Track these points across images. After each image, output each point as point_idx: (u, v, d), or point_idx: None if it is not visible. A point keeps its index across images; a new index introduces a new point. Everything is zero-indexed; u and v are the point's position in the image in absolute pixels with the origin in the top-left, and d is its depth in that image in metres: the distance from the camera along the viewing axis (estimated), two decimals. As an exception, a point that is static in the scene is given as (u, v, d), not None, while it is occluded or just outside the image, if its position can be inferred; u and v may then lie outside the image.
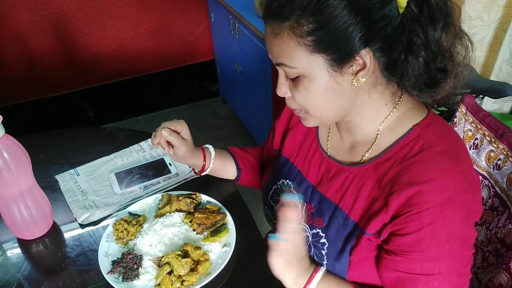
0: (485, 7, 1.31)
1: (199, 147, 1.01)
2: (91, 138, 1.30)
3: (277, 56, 0.71)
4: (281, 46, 0.69)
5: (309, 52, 0.67)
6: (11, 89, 2.47)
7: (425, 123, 0.75)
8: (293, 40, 0.67)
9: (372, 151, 0.78)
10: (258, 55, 1.97)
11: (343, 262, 0.77)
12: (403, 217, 0.69)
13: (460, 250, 0.69)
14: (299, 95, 0.73)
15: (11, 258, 0.93)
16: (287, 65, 0.70)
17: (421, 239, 0.68)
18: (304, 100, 0.73)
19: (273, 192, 0.95)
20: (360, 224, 0.75)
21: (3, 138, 0.85)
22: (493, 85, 1.09)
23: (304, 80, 0.71)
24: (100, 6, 2.42)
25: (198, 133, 2.65)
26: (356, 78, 0.70)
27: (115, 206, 1.02)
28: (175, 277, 0.81)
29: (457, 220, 0.68)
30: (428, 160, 0.70)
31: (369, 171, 0.77)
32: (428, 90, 0.72)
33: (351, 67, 0.69)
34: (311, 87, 0.71)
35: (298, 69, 0.70)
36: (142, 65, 2.70)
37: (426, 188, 0.67)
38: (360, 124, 0.79)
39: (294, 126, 0.96)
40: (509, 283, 0.83)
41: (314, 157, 0.88)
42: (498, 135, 0.91)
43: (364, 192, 0.76)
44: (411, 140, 0.74)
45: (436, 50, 0.69)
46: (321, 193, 0.84)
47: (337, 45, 0.66)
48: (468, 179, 0.70)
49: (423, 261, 0.69)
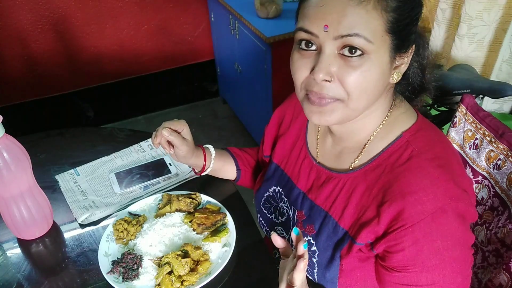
0: (485, 7, 1.31)
1: (200, 147, 1.00)
2: (91, 138, 1.30)
3: (351, 26, 0.62)
4: (362, 15, 0.62)
5: (385, 30, 0.64)
6: (11, 89, 2.47)
7: (413, 129, 0.74)
8: (378, 12, 0.63)
9: (361, 157, 0.77)
10: (258, 55, 1.97)
11: (333, 270, 0.76)
12: (396, 232, 0.68)
13: (460, 254, 0.69)
14: (356, 76, 0.64)
15: (11, 258, 0.93)
16: (364, 36, 0.62)
17: (420, 251, 0.67)
18: (359, 82, 0.65)
19: (265, 199, 0.95)
20: (351, 233, 0.75)
21: (3, 138, 0.85)
22: (493, 85, 1.09)
23: (368, 61, 0.64)
24: (100, 6, 2.42)
25: (198, 133, 2.65)
26: (396, 72, 0.70)
27: (115, 206, 1.02)
28: (175, 277, 0.81)
29: (452, 227, 0.67)
30: (417, 168, 0.69)
31: (358, 178, 0.76)
32: (414, 96, 0.77)
33: (397, 60, 0.68)
34: (372, 70, 0.65)
35: (373, 45, 0.63)
36: (142, 65, 2.70)
37: (417, 199, 0.67)
38: (357, 130, 0.77)
39: (284, 132, 0.95)
40: (509, 283, 0.83)
41: (304, 164, 0.87)
42: (498, 135, 0.91)
43: (354, 199, 0.75)
44: (400, 147, 0.73)
45: (427, 60, 0.75)
46: (311, 200, 0.83)
47: (406, 31, 0.66)
48: (460, 185, 0.69)
49: (426, 271, 0.68)
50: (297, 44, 0.69)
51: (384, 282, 0.73)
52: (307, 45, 0.67)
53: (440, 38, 1.52)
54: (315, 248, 0.79)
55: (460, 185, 0.69)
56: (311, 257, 0.80)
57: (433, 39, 1.54)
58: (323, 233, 0.79)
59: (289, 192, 0.89)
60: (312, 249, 0.80)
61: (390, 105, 0.76)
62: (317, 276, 0.80)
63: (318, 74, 0.65)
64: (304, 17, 0.67)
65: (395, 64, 0.69)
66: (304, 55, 0.68)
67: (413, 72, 0.74)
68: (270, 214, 0.94)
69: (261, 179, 0.99)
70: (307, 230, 0.82)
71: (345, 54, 0.64)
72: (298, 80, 0.70)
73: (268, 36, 1.79)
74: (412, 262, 0.68)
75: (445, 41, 1.52)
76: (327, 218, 0.79)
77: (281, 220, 0.91)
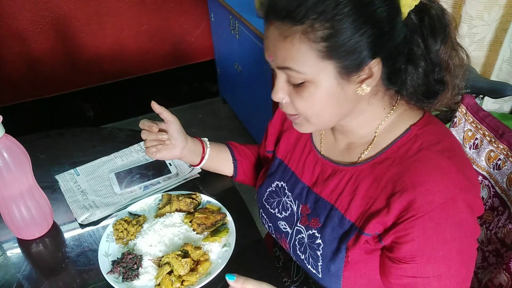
0: (485, 7, 1.31)
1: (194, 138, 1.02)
2: (91, 138, 1.30)
3: (283, 59, 0.68)
4: (289, 49, 0.66)
5: (320, 58, 0.65)
6: (11, 89, 2.47)
7: (422, 123, 0.75)
8: (305, 44, 0.65)
9: (369, 151, 0.78)
10: (258, 55, 1.97)
11: (338, 262, 0.77)
12: (406, 222, 0.68)
13: (467, 245, 0.70)
14: (302, 101, 0.70)
15: (11, 258, 0.93)
16: (294, 69, 0.67)
17: (428, 241, 0.68)
18: (307, 106, 0.71)
19: (267, 194, 0.95)
20: (358, 224, 0.75)
21: (3, 138, 0.85)
22: (493, 85, 1.09)
23: (310, 86, 0.68)
24: (100, 6, 2.42)
25: (198, 133, 2.64)
26: (361, 87, 0.69)
27: (115, 206, 1.02)
28: (175, 277, 0.81)
29: (461, 217, 0.68)
30: (427, 159, 0.70)
31: (365, 170, 0.76)
32: (427, 100, 0.74)
33: (358, 76, 0.68)
34: (316, 93, 0.68)
35: (306, 75, 0.67)
36: (142, 65, 2.70)
37: (428, 189, 0.67)
38: (356, 128, 0.79)
39: (288, 128, 0.96)
40: (509, 283, 0.83)
41: (309, 158, 0.88)
42: (498, 135, 0.91)
43: (360, 191, 0.76)
44: (409, 140, 0.74)
45: (436, 61, 0.70)
46: (316, 193, 0.84)
47: (350, 53, 0.65)
48: (469, 177, 0.70)
49: (433, 262, 0.69)
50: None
51: (390, 275, 0.73)
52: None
53: (440, 38, 1.52)
54: (319, 241, 0.80)
55: (468, 178, 0.70)
56: (315, 250, 0.80)
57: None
58: (328, 225, 0.79)
59: (293, 187, 0.89)
60: (316, 242, 0.80)
61: (389, 104, 0.76)
62: (321, 269, 0.80)
63: (272, 96, 0.73)
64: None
65: (357, 79, 0.68)
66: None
67: (411, 78, 0.71)
68: (273, 209, 0.94)
69: (264, 175, 0.99)
70: (312, 223, 0.82)
71: (290, 81, 0.70)
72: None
73: (268, 36, 1.79)
74: (420, 253, 0.69)
75: (445, 41, 1.52)
76: (332, 211, 0.79)
77: (284, 215, 0.91)
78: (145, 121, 0.94)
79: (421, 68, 0.70)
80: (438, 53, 0.70)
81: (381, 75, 0.70)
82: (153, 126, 0.92)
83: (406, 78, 0.71)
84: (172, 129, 0.94)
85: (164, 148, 0.94)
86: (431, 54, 0.70)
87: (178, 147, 0.96)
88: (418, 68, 0.70)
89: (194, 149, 1.00)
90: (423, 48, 0.69)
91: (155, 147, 0.94)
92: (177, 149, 0.96)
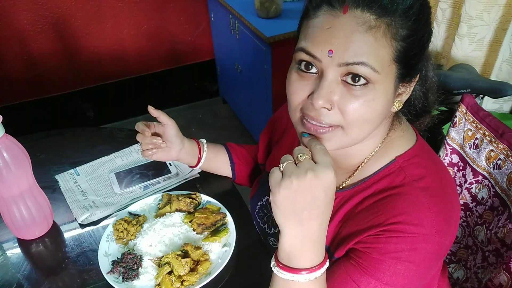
0: (485, 7, 1.31)
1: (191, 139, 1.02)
2: (91, 138, 1.30)
3: (357, 53, 0.58)
4: (371, 43, 0.58)
5: (393, 58, 0.60)
6: (11, 89, 2.47)
7: (409, 154, 0.71)
8: (387, 40, 0.58)
9: (353, 178, 0.74)
10: (258, 55, 1.97)
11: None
12: (373, 237, 0.65)
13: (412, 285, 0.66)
14: (356, 107, 0.60)
15: (11, 258, 0.93)
16: (371, 66, 0.58)
17: (381, 264, 0.64)
18: (362, 112, 0.61)
19: (259, 208, 0.95)
20: (331, 248, 0.73)
21: (3, 138, 0.85)
22: (493, 85, 1.09)
23: (372, 90, 0.60)
24: (100, 6, 2.42)
25: (198, 133, 2.65)
26: (398, 100, 0.66)
27: (115, 206, 1.02)
28: (175, 277, 0.80)
29: (424, 258, 0.64)
30: (407, 195, 0.66)
31: (346, 197, 0.73)
32: (416, 120, 0.75)
33: (400, 88, 0.64)
34: (376, 100, 0.60)
35: (379, 74, 0.59)
36: (142, 65, 2.70)
37: (402, 220, 0.64)
38: (351, 155, 0.73)
39: (278, 141, 0.94)
40: (509, 283, 0.83)
41: None
42: (498, 134, 0.91)
43: (338, 216, 0.73)
44: (392, 172, 0.70)
45: (428, 81, 0.71)
46: None
47: (414, 61, 0.62)
48: (448, 220, 0.66)
49: (375, 280, 0.65)
50: (296, 64, 0.64)
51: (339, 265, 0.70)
52: (307, 67, 0.62)
53: (440, 38, 1.52)
54: None
55: (448, 220, 0.66)
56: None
57: (433, 39, 1.54)
58: None
59: None
60: None
61: (388, 129, 0.73)
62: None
63: (317, 101, 0.60)
64: (307, 37, 0.61)
65: (398, 92, 0.65)
66: (303, 77, 0.63)
67: (416, 97, 0.71)
68: (263, 224, 0.94)
69: (256, 185, 0.99)
70: None
71: (348, 82, 0.60)
72: (294, 102, 0.65)
73: (268, 36, 1.79)
74: (370, 268, 0.65)
75: (445, 41, 1.53)
76: None
77: (273, 231, 0.91)
78: (140, 123, 0.94)
79: (424, 89, 0.71)
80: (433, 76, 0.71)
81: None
82: (146, 130, 0.92)
83: (412, 96, 0.71)
84: (168, 132, 0.94)
85: (160, 151, 0.95)
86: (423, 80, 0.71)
87: (174, 150, 0.96)
88: (422, 89, 0.71)
89: (191, 152, 1.00)
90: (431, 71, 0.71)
91: (150, 150, 0.94)
92: (173, 151, 0.96)
